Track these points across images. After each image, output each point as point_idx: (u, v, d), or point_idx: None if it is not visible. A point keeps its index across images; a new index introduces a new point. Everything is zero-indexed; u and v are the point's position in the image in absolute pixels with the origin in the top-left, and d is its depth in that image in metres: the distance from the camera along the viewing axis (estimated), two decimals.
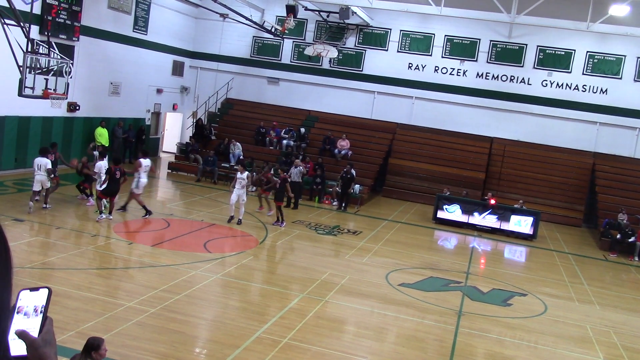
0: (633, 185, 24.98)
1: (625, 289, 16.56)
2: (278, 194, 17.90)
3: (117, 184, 15.45)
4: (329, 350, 9.25)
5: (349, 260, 14.93)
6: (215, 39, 29.86)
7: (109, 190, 15.32)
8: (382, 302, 12.04)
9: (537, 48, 26.85)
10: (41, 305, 1.71)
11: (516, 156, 26.86)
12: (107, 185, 15.29)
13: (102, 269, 11.98)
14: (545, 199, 25.06)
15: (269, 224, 17.53)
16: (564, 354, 10.53)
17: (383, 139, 27.63)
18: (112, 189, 15.35)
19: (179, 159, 26.39)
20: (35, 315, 1.69)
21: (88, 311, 9.40)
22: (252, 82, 29.89)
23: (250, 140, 26.95)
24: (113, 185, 15.34)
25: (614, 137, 26.39)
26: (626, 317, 13.37)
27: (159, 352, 8.35)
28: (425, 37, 27.78)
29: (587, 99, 26.44)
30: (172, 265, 12.44)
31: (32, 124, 20.44)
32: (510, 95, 27.05)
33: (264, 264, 14.10)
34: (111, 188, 15.32)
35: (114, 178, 15.31)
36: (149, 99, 27.28)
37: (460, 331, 10.85)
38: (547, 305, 13.26)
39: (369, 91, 28.52)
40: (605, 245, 20.70)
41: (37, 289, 1.73)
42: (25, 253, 12.29)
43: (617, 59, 26.13)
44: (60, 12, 20.45)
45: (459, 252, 18.10)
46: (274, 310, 10.70)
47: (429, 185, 25.44)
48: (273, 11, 28.59)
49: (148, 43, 26.26)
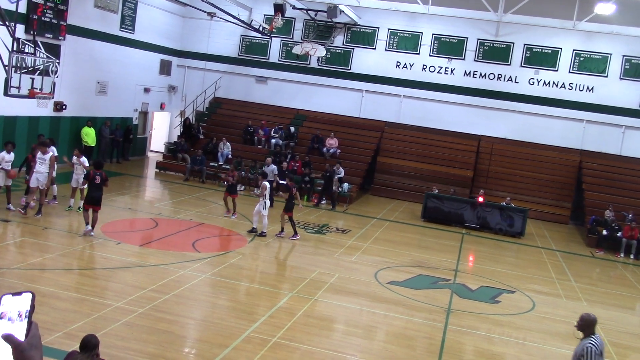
0: (620, 182, 25.21)
1: (612, 285, 16.72)
2: (287, 204, 16.28)
3: (97, 191, 13.78)
4: (319, 349, 9.26)
5: (338, 258, 14.94)
6: (203, 37, 29.76)
7: (90, 198, 13.78)
8: (371, 301, 12.06)
9: (524, 46, 27.00)
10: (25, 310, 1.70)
11: (504, 154, 27.01)
12: (87, 193, 14.08)
13: (90, 270, 11.91)
14: (532, 197, 25.21)
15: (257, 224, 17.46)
16: (552, 351, 10.60)
17: (371, 137, 27.67)
18: (92, 195, 13.76)
19: (167, 158, 26.29)
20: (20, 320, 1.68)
21: (76, 312, 9.34)
22: (240, 81, 29.82)
23: (239, 140, 26.88)
24: (93, 191, 13.77)
25: (601, 135, 26.60)
26: (613, 313, 13.48)
27: (148, 352, 8.32)
28: (413, 35, 27.84)
29: (573, 97, 26.63)
30: (161, 265, 12.39)
31: (18, 124, 20.28)
32: (498, 93, 27.18)
33: (252, 263, 14.08)
34: (92, 195, 13.77)
35: (93, 184, 13.78)
36: (136, 98, 27.15)
37: (449, 328, 10.89)
38: (535, 302, 13.35)
39: (357, 90, 28.55)
40: (592, 242, 20.86)
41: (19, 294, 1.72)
42: (12, 254, 12.20)
43: (603, 57, 26.33)
44: (46, 11, 20.29)
45: (448, 250, 18.16)
46: (263, 309, 10.69)
47: (418, 184, 25.51)
48: (261, 10, 28.53)
49: (135, 42, 26.13)
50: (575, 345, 6.95)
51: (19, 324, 1.67)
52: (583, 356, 6.55)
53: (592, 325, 6.76)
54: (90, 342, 5.53)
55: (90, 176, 13.92)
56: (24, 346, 1.65)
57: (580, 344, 6.72)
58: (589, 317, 6.81)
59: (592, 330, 6.75)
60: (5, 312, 1.68)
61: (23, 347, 1.65)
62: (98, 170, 14.04)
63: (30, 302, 1.71)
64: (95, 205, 13.80)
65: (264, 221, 15.91)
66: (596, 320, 6.85)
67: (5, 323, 1.67)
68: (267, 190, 15.90)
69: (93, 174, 13.87)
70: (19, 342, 1.65)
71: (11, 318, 1.67)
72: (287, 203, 16.29)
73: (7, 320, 1.67)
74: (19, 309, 1.69)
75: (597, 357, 6.53)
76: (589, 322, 6.77)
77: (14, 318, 1.68)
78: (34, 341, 1.68)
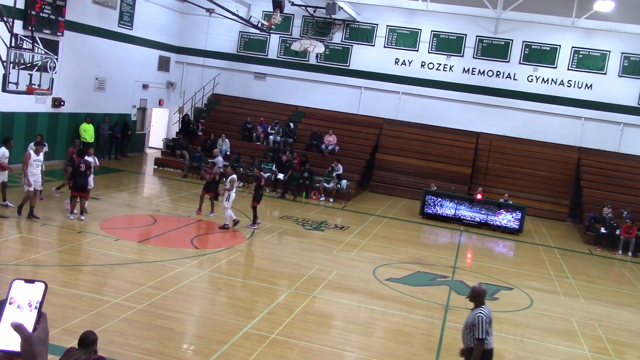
0: (618, 179, 25.23)
1: (610, 282, 16.74)
2: (255, 194, 16.59)
3: (83, 177, 14.60)
4: (317, 345, 9.26)
5: (337, 255, 14.95)
6: (202, 34, 29.71)
7: (76, 184, 14.56)
8: (370, 297, 12.07)
9: (523, 43, 26.99)
10: (36, 300, 1.62)
11: (502, 151, 27.01)
12: (73, 180, 14.66)
13: (89, 266, 11.91)
14: (531, 194, 25.24)
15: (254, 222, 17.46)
16: (549, 347, 10.62)
17: (370, 134, 27.67)
18: (78, 182, 14.53)
19: (166, 154, 26.26)
20: (29, 310, 1.60)
21: (74, 308, 9.34)
22: (238, 78, 29.78)
23: (237, 136, 26.87)
24: (79, 178, 14.53)
25: (599, 132, 26.62)
26: (611, 311, 13.50)
27: (146, 348, 8.32)
28: (411, 32, 27.81)
29: (572, 94, 26.63)
30: (159, 262, 12.38)
31: (16, 120, 20.25)
32: (496, 90, 27.17)
33: (251, 259, 14.08)
34: (77, 181, 14.53)
35: (78, 171, 14.56)
36: (134, 95, 27.11)
37: (447, 325, 10.91)
38: (532, 299, 13.37)
39: (356, 86, 28.52)
40: (591, 239, 20.89)
41: (32, 282, 1.64)
42: (10, 250, 12.20)
43: (601, 55, 26.33)
44: (44, 7, 20.23)
45: (446, 247, 18.18)
46: (261, 305, 10.70)
47: (416, 181, 25.52)
48: (259, 6, 28.48)
49: (133, 38, 26.08)
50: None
51: (28, 313, 1.59)
52: (475, 325, 7.22)
53: (482, 296, 7.45)
54: (89, 339, 5.52)
55: (75, 164, 14.71)
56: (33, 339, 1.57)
57: (471, 314, 7.38)
58: (479, 289, 7.50)
59: (482, 301, 7.43)
60: (15, 298, 1.59)
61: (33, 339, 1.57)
62: (81, 157, 14.87)
63: (43, 293, 1.64)
64: (82, 192, 14.70)
65: (227, 213, 15.92)
66: (486, 292, 7.60)
67: (14, 310, 1.58)
68: (235, 183, 16.31)
69: (78, 162, 14.66)
70: (29, 334, 1.56)
71: (20, 306, 1.59)
72: (255, 193, 16.58)
73: (16, 307, 1.59)
74: (30, 297, 1.61)
75: (486, 325, 7.25)
76: (479, 293, 7.44)
77: (24, 306, 1.59)
78: (43, 335, 1.60)
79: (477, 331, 7.19)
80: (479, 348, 7.21)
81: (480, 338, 7.19)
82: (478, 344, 7.22)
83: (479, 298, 7.41)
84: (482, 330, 7.18)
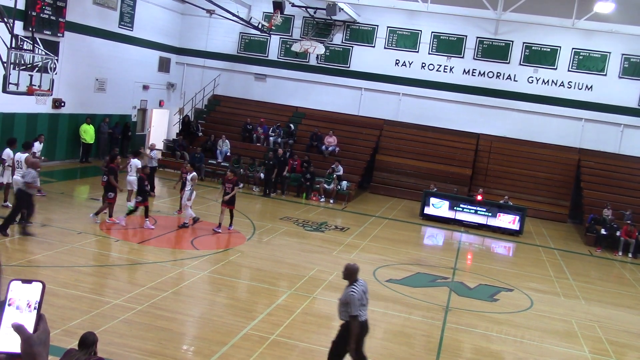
0: (618, 180, 25.23)
1: (610, 283, 16.73)
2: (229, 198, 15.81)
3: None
4: (317, 347, 9.26)
5: (337, 256, 14.94)
6: (202, 35, 29.72)
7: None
8: (370, 298, 12.03)
9: (523, 45, 26.99)
10: (35, 300, 1.61)
11: (502, 152, 27.01)
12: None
13: (89, 267, 11.91)
14: (531, 195, 25.22)
15: (256, 222, 17.47)
16: (550, 349, 10.62)
17: (370, 135, 27.67)
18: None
19: (166, 155, 26.26)
20: (29, 311, 1.59)
21: (74, 309, 9.33)
22: (239, 79, 29.79)
23: (237, 137, 26.87)
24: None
25: (599, 133, 26.61)
26: (611, 312, 13.50)
27: (147, 349, 8.32)
28: (412, 33, 27.82)
29: (572, 95, 26.63)
30: (159, 263, 12.38)
31: (17, 121, 20.25)
32: (497, 91, 27.17)
33: (251, 260, 14.08)
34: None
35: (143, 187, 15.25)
36: (135, 96, 27.11)
37: (447, 326, 10.91)
38: (533, 300, 13.36)
39: (356, 87, 28.52)
40: (591, 241, 20.88)
41: (29, 282, 1.63)
42: (10, 251, 12.19)
43: (602, 56, 26.33)
44: (44, 8, 20.24)
45: (446, 248, 18.17)
46: (261, 307, 10.69)
47: (416, 182, 25.51)
48: (260, 7, 28.48)
49: (134, 39, 26.08)
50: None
51: (28, 314, 1.58)
52: (347, 304, 7.56)
53: (355, 273, 7.77)
54: (88, 340, 5.53)
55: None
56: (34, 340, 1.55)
57: (345, 291, 7.69)
58: (352, 266, 7.84)
59: (355, 278, 7.74)
60: (14, 299, 1.58)
61: (33, 340, 1.55)
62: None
63: (41, 292, 1.62)
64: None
65: (187, 211, 15.76)
66: (358, 269, 7.87)
67: (14, 311, 1.57)
68: (196, 181, 16.29)
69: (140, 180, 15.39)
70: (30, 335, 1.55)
71: (19, 307, 1.58)
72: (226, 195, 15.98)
73: (15, 308, 1.57)
74: (28, 298, 1.59)
75: (359, 301, 7.56)
76: (352, 270, 7.79)
77: (23, 307, 1.58)
78: (43, 336, 1.59)
79: (351, 308, 7.52)
80: (355, 323, 7.55)
81: (353, 315, 7.53)
82: (352, 320, 7.56)
83: (351, 275, 7.74)
84: (355, 307, 7.51)
